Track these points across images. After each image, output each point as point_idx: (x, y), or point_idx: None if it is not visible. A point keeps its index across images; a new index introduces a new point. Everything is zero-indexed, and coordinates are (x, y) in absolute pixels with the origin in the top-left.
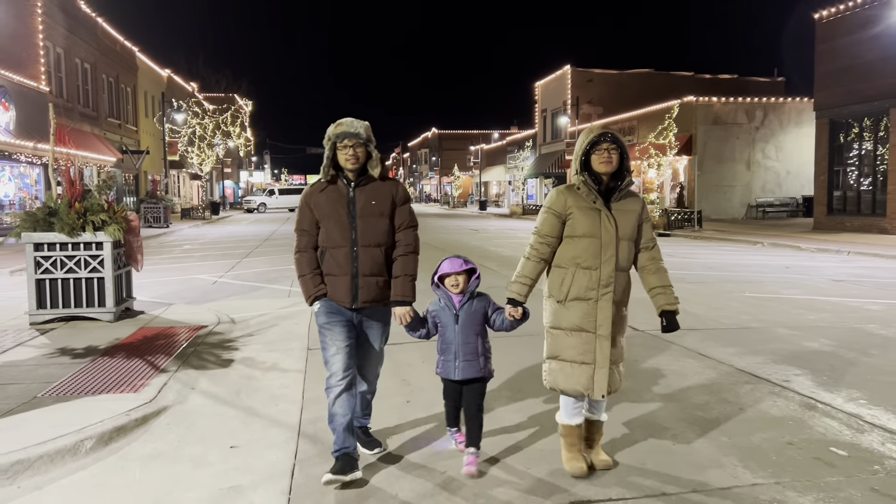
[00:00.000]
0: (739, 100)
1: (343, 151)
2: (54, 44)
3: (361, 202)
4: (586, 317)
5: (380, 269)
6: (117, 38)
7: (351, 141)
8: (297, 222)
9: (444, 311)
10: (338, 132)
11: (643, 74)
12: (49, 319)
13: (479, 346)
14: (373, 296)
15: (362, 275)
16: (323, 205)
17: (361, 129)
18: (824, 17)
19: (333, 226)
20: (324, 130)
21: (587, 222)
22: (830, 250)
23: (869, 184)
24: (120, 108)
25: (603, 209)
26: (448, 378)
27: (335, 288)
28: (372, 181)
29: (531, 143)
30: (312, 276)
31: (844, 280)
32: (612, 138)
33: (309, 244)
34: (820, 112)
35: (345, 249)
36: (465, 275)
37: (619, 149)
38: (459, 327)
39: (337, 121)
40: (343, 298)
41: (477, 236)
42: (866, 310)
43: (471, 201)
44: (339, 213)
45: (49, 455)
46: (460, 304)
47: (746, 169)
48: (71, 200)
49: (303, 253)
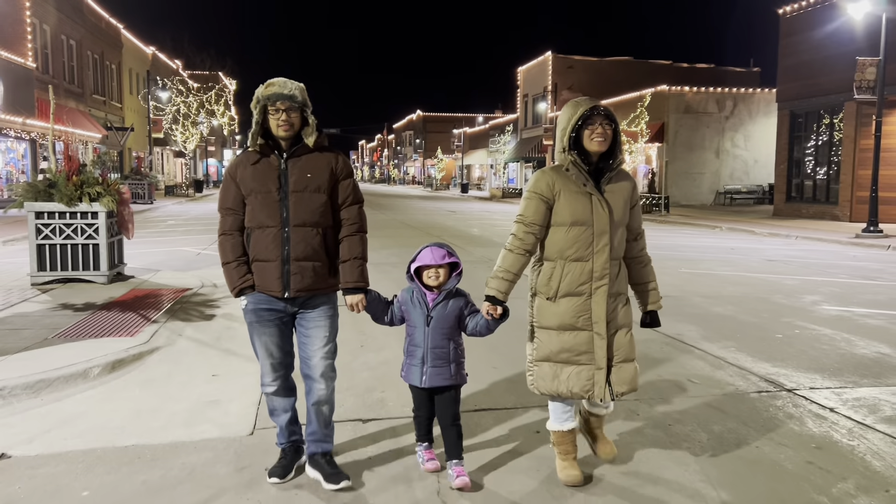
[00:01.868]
0: (710, 90)
1: (275, 116)
2: (41, 21)
3: (295, 175)
4: (580, 313)
5: (315, 252)
6: (102, 14)
7: (284, 104)
8: (220, 199)
9: (414, 308)
10: (268, 93)
11: (622, 62)
12: (48, 281)
13: (451, 351)
14: (308, 283)
15: (294, 259)
16: (249, 178)
17: (297, 91)
18: (788, 13)
19: (261, 203)
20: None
21: (577, 208)
22: (780, 235)
23: (824, 173)
24: (105, 85)
25: (595, 192)
26: (414, 385)
27: (264, 276)
28: (307, 151)
29: (512, 128)
30: (238, 264)
31: (777, 260)
32: (606, 112)
33: (234, 225)
34: (781, 104)
35: (274, 230)
36: (446, 268)
37: (613, 124)
38: (430, 329)
39: (267, 81)
40: (273, 287)
41: (453, 217)
42: (782, 284)
43: (454, 184)
44: (267, 188)
45: (64, 377)
46: (434, 303)
47: (716, 157)
48: (69, 174)
49: (227, 236)
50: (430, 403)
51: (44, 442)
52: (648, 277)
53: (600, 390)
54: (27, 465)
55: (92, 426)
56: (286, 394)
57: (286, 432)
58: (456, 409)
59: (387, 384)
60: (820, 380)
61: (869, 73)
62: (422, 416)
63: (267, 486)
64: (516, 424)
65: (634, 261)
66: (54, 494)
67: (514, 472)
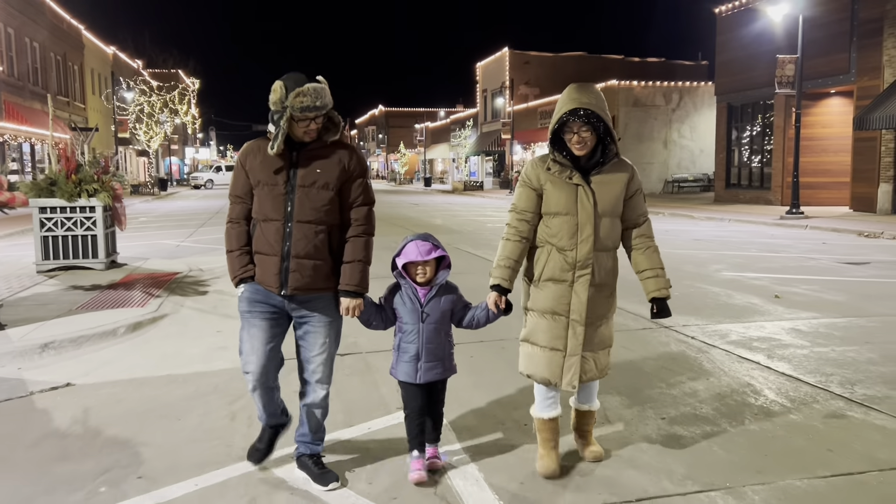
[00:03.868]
0: (658, 83)
1: (302, 125)
2: (5, 24)
3: (303, 169)
4: (559, 299)
5: (317, 251)
6: (64, 16)
7: (312, 113)
8: (230, 186)
9: (405, 305)
10: (300, 105)
11: (577, 57)
12: (52, 268)
13: (445, 345)
14: (306, 283)
15: (294, 256)
16: (258, 169)
17: (327, 98)
18: (723, 12)
19: (267, 194)
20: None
21: (561, 198)
22: (716, 218)
23: (759, 161)
24: (68, 86)
25: (581, 183)
26: (409, 382)
27: (263, 269)
28: (321, 146)
29: (473, 123)
30: (240, 253)
31: (703, 240)
32: (585, 117)
33: (241, 214)
34: (719, 97)
35: (277, 224)
36: (433, 262)
37: (594, 126)
38: (425, 326)
39: (293, 86)
40: (271, 282)
41: (416, 209)
42: (695, 257)
43: (417, 178)
44: (274, 180)
45: (98, 334)
46: (426, 298)
47: (664, 147)
48: (68, 173)
49: (233, 224)
50: (423, 398)
51: (96, 375)
52: (652, 264)
53: (569, 378)
54: (89, 388)
55: (130, 365)
56: (267, 393)
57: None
58: (442, 398)
59: (358, 332)
60: (693, 320)
61: (788, 69)
62: (414, 414)
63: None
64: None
65: (635, 248)
66: (119, 403)
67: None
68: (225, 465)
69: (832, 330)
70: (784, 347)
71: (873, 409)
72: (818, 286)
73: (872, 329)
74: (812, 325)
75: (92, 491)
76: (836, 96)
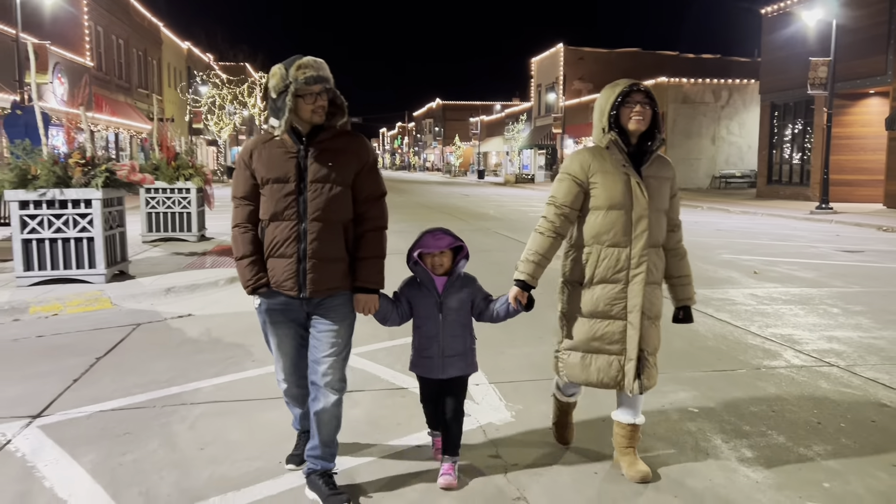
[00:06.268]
0: (707, 81)
1: (309, 101)
2: (95, 23)
3: (315, 164)
4: (614, 301)
5: (335, 249)
6: (145, 14)
7: (319, 87)
8: (233, 187)
9: (423, 296)
10: (306, 76)
11: (631, 53)
12: (154, 239)
13: (466, 339)
14: (326, 283)
15: (311, 257)
16: (265, 166)
17: (328, 73)
18: (768, 13)
19: (276, 192)
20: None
21: (615, 191)
22: (749, 212)
23: (799, 158)
24: (148, 79)
25: (634, 175)
26: (428, 377)
27: (279, 273)
28: (329, 137)
29: (526, 116)
30: (251, 261)
31: (725, 230)
32: (646, 91)
33: (248, 217)
34: (763, 95)
35: (290, 224)
36: (449, 253)
37: (652, 104)
38: (444, 318)
39: (291, 62)
40: (288, 286)
41: (466, 199)
42: (707, 243)
43: (471, 171)
44: (284, 177)
45: (205, 284)
46: (444, 290)
47: (711, 144)
48: (168, 160)
49: (240, 228)
50: (440, 395)
51: (209, 310)
52: (684, 271)
53: (630, 382)
54: (206, 317)
55: (233, 304)
56: (303, 393)
57: (301, 422)
58: (462, 398)
59: None
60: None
61: (821, 71)
62: (430, 409)
63: None
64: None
65: (671, 252)
66: (230, 325)
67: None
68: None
69: (781, 296)
70: (734, 304)
71: (769, 339)
72: (798, 267)
73: (816, 295)
74: (768, 292)
75: (222, 367)
76: (875, 96)
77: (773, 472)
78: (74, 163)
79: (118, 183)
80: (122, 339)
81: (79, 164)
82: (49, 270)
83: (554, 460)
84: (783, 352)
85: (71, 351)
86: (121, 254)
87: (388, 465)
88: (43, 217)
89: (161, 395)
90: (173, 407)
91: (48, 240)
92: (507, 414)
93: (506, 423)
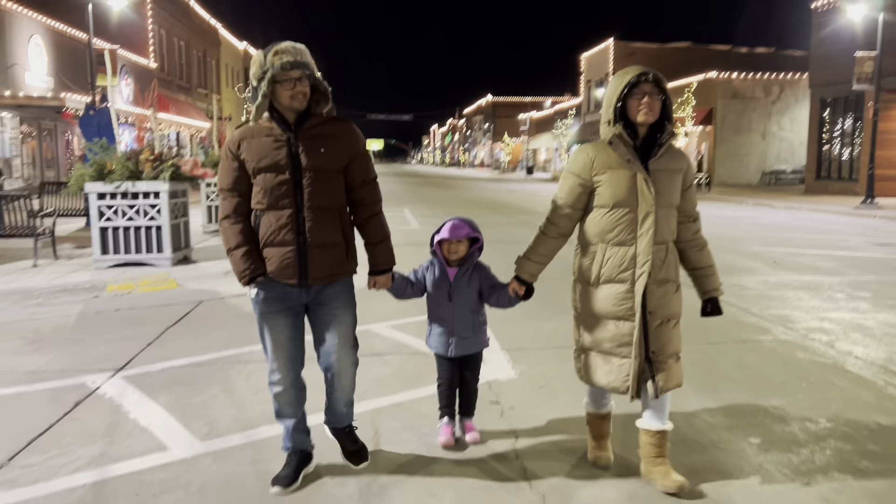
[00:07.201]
0: (757, 76)
1: (287, 87)
2: (159, 26)
3: (306, 151)
4: (622, 301)
5: (333, 235)
6: (204, 16)
7: (298, 72)
8: (219, 179)
9: (435, 282)
10: (282, 62)
11: (683, 48)
12: (213, 230)
13: (476, 321)
14: (327, 270)
15: (312, 244)
16: (255, 156)
17: (308, 57)
18: (818, 7)
19: (270, 181)
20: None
21: (620, 188)
22: (793, 208)
23: (848, 153)
24: (207, 79)
25: (640, 171)
26: (442, 355)
27: (278, 262)
28: (318, 123)
29: (576, 112)
30: (246, 250)
31: (762, 224)
32: (655, 79)
33: (238, 208)
34: (813, 90)
35: (287, 212)
36: (465, 243)
37: (662, 93)
38: (454, 304)
39: (270, 47)
40: (289, 275)
41: (511, 195)
42: (739, 236)
43: (520, 167)
44: (277, 165)
45: None
46: (455, 278)
47: (762, 139)
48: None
49: (229, 219)
50: (454, 372)
51: None
52: (705, 262)
53: (638, 385)
54: None
55: None
56: (297, 394)
57: (292, 438)
58: (477, 373)
59: None
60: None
61: (867, 66)
62: (444, 385)
63: None
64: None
65: (689, 244)
66: None
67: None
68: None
69: (792, 282)
70: (743, 290)
71: (765, 319)
72: (821, 258)
73: (827, 282)
74: (781, 279)
75: None
76: None
77: (729, 418)
78: (145, 159)
79: (183, 177)
80: (187, 313)
81: (148, 160)
82: (122, 254)
83: (547, 405)
84: (773, 329)
85: (144, 321)
86: (185, 241)
87: (408, 406)
88: (117, 207)
89: (221, 355)
90: (231, 364)
91: (122, 227)
92: (512, 373)
93: (509, 379)
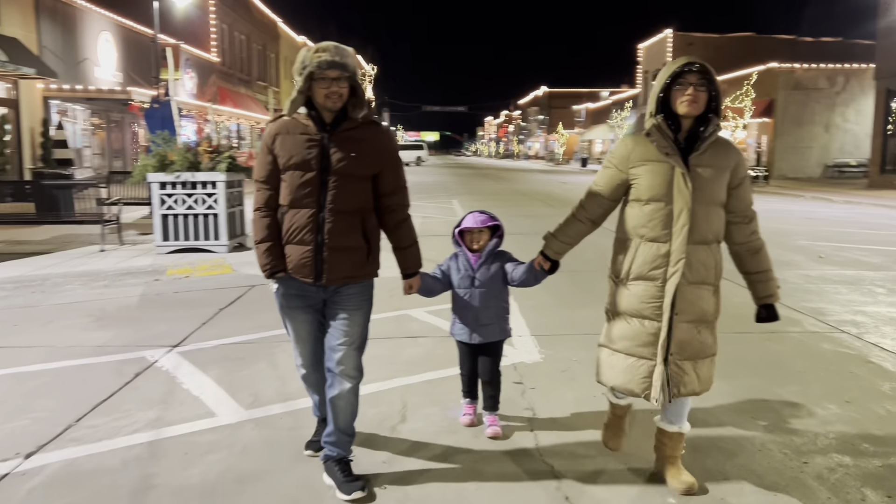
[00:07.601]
0: (822, 66)
1: (323, 86)
2: (221, 20)
3: (337, 154)
4: (650, 300)
5: (353, 239)
6: (265, 11)
7: (335, 72)
8: (255, 170)
9: (459, 271)
10: (318, 60)
11: (744, 38)
12: None
13: (498, 309)
14: (343, 273)
15: (329, 246)
16: (287, 151)
17: (349, 59)
18: None
19: (297, 179)
20: (438, 91)
21: (656, 182)
22: (852, 202)
23: None
24: (266, 72)
25: (679, 165)
26: (464, 342)
27: (296, 260)
28: (353, 127)
29: (632, 104)
30: (270, 245)
31: (814, 218)
32: (701, 69)
33: (268, 201)
34: (879, 80)
35: (309, 212)
36: (486, 231)
37: (708, 85)
38: (477, 291)
39: (315, 45)
40: (305, 273)
41: (561, 187)
42: (788, 229)
43: (575, 159)
44: (306, 165)
45: None
46: (478, 265)
47: (825, 131)
48: None
49: (260, 212)
50: (474, 360)
51: None
52: (762, 266)
53: (657, 390)
54: None
55: None
56: (319, 378)
57: (320, 409)
58: (497, 362)
59: None
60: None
61: None
62: (466, 373)
63: None
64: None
65: (743, 247)
66: None
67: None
68: (385, 312)
69: (834, 277)
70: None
71: (798, 311)
72: (869, 253)
73: (869, 277)
74: (822, 273)
75: None
76: None
77: (741, 402)
78: (203, 150)
79: (238, 168)
80: (240, 296)
81: (207, 152)
82: (181, 241)
83: (567, 387)
84: (804, 321)
85: (200, 303)
86: (240, 229)
87: (437, 383)
88: (177, 196)
89: (269, 335)
90: (278, 343)
91: (181, 215)
92: (539, 357)
93: (534, 362)
